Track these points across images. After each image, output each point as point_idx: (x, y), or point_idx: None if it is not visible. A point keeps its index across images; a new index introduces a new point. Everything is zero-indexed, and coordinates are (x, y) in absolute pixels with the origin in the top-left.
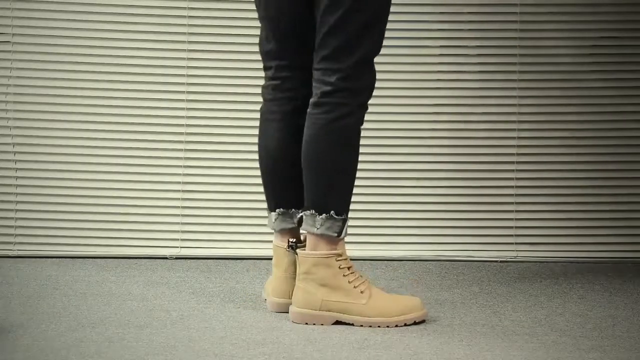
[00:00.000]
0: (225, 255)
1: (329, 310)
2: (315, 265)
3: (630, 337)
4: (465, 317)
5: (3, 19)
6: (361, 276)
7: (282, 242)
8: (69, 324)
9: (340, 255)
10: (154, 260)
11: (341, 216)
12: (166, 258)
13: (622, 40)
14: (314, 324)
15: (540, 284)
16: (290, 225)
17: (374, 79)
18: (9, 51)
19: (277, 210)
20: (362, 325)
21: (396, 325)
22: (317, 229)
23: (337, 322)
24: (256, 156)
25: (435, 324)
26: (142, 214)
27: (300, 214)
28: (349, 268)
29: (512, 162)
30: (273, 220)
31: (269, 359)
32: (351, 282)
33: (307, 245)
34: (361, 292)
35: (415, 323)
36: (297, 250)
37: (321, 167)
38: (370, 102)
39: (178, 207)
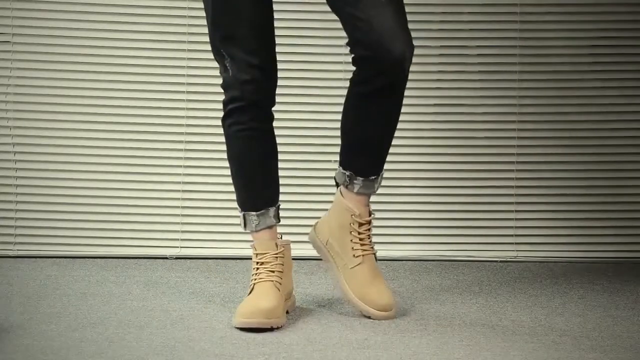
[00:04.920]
0: (225, 255)
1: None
2: None
3: (630, 337)
4: (465, 317)
5: (3, 19)
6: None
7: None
8: (69, 324)
9: None
10: (154, 260)
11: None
12: (166, 258)
13: (622, 40)
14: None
15: (540, 284)
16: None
17: (226, 78)
18: (9, 51)
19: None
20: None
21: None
22: None
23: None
24: None
25: (435, 324)
26: (142, 214)
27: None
28: None
29: (512, 162)
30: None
31: (269, 359)
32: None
33: None
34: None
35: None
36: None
37: None
38: None
39: (178, 207)
